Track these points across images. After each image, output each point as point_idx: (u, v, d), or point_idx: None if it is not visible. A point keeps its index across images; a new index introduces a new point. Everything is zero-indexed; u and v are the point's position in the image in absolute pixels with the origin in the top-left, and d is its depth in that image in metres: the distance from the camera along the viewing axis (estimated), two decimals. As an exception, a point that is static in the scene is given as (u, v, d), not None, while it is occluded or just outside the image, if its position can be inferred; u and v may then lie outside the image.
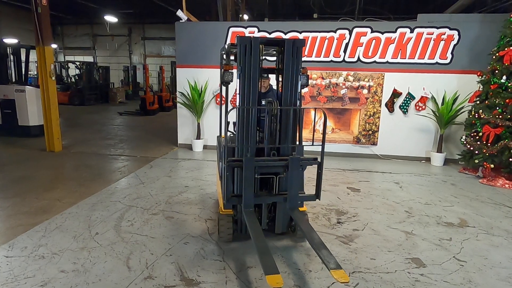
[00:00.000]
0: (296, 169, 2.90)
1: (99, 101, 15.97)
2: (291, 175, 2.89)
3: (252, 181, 2.84)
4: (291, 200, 2.93)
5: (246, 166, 2.79)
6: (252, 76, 2.88)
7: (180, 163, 5.91)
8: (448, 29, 5.85)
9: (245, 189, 2.83)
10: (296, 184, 2.92)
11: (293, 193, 2.93)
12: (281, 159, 2.93)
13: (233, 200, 2.94)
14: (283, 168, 2.93)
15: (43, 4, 5.91)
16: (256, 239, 2.50)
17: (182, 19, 6.66)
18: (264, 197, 3.01)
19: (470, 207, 4.22)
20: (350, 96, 6.34)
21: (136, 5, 16.92)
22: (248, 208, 2.85)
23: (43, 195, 4.23)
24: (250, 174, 2.81)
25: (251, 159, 2.82)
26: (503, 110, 4.99)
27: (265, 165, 2.89)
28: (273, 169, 2.95)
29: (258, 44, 2.85)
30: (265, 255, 2.31)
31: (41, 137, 7.00)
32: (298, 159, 2.91)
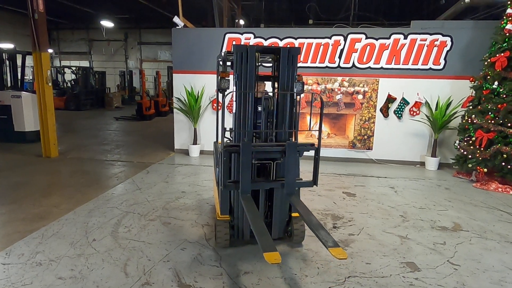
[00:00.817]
0: (293, 155, 2.91)
1: (95, 106, 15.94)
2: (289, 160, 2.90)
3: (249, 166, 2.84)
4: (288, 186, 2.95)
5: (243, 150, 2.79)
6: (249, 83, 2.93)
7: (177, 169, 5.93)
8: (441, 36, 5.95)
9: (242, 174, 2.82)
10: (293, 169, 2.93)
11: (290, 178, 2.94)
12: (278, 145, 2.96)
13: (230, 186, 2.95)
14: (280, 153, 2.95)
15: (40, 10, 5.94)
16: (254, 221, 2.51)
17: (179, 25, 6.71)
18: (261, 183, 3.03)
19: (464, 211, 4.27)
20: (346, 102, 6.41)
21: (132, 10, 16.98)
22: (245, 194, 2.85)
23: (40, 202, 4.23)
24: (247, 159, 2.82)
25: (248, 143, 2.83)
26: (495, 115, 5.07)
27: (262, 151, 2.91)
28: (270, 155, 2.98)
29: (254, 52, 2.90)
30: (263, 235, 2.34)
31: (37, 143, 6.99)
32: (295, 144, 2.92)
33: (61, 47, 22.67)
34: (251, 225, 2.52)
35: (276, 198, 3.08)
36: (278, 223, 3.15)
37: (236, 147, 2.88)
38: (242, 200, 2.82)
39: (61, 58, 22.58)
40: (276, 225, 3.15)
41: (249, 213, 2.63)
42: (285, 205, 3.16)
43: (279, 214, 3.13)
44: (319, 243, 3.27)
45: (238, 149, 2.83)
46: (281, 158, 2.98)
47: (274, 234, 3.20)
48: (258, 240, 2.32)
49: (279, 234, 3.22)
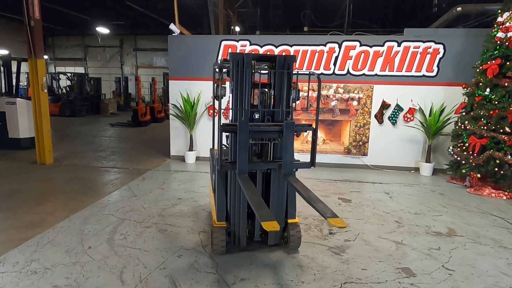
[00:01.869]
0: (290, 135, 2.92)
1: (90, 112, 15.90)
2: (286, 140, 2.91)
3: (247, 146, 2.84)
4: (286, 166, 2.96)
5: (240, 129, 2.79)
6: (245, 90, 2.96)
7: (173, 175, 5.93)
8: (433, 43, 6.05)
9: (239, 154, 2.82)
10: (290, 149, 2.95)
11: (288, 158, 2.96)
12: (276, 125, 2.97)
13: (227, 166, 2.95)
14: (278, 133, 2.96)
15: (36, 17, 5.95)
16: (251, 197, 2.50)
17: (175, 32, 6.75)
18: (259, 164, 3.04)
19: (458, 216, 4.32)
20: (341, 108, 6.46)
21: (128, 16, 17.05)
22: (242, 174, 2.83)
23: (35, 209, 4.21)
24: (245, 138, 2.82)
25: (245, 122, 2.83)
26: (487, 121, 5.15)
27: (259, 130, 2.92)
28: (268, 134, 2.99)
29: (250, 60, 2.93)
30: (261, 207, 2.35)
31: (31, 150, 6.95)
32: (293, 123, 2.93)
33: (56, 53, 22.65)
34: (249, 201, 2.48)
35: (273, 181, 3.06)
36: (275, 208, 3.14)
37: (233, 126, 2.86)
38: (239, 180, 2.78)
39: (56, 64, 22.54)
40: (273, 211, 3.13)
41: (246, 190, 2.60)
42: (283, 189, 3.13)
43: (276, 198, 3.11)
44: (315, 249, 3.30)
45: (235, 128, 2.82)
46: (279, 139, 2.98)
47: (270, 240, 3.20)
48: (256, 212, 2.30)
49: (275, 240, 3.22)
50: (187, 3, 12.09)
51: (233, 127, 2.86)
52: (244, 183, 2.73)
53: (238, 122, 2.81)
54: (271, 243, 3.21)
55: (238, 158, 2.83)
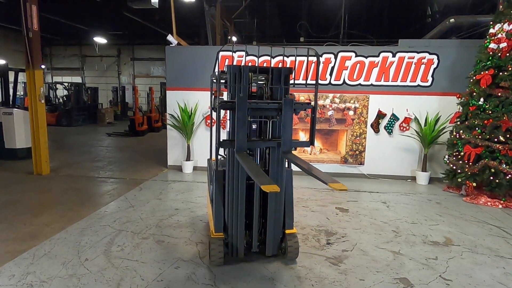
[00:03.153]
0: (289, 112, 2.91)
1: (87, 122, 15.88)
2: (285, 118, 2.90)
3: (245, 123, 2.83)
4: (285, 143, 2.94)
5: (238, 106, 2.78)
6: (242, 127, 2.97)
7: (170, 185, 5.92)
8: (428, 54, 6.15)
9: (237, 131, 2.80)
10: (289, 127, 2.94)
11: (287, 136, 2.95)
12: (275, 102, 2.97)
13: (225, 144, 2.94)
14: (277, 111, 2.95)
15: (34, 29, 5.99)
16: (250, 166, 2.50)
17: (173, 43, 6.82)
18: (258, 142, 3.04)
19: (455, 225, 4.34)
20: (337, 117, 6.52)
21: (125, 27, 17.16)
22: (241, 151, 2.80)
23: (31, 220, 4.18)
24: (243, 115, 2.80)
25: (244, 98, 2.81)
26: (482, 130, 5.21)
27: (258, 107, 2.91)
28: (266, 112, 2.98)
29: (247, 72, 2.97)
30: (260, 175, 2.35)
31: (28, 160, 6.92)
32: (292, 100, 2.92)
33: (53, 63, 22.69)
34: (248, 171, 2.45)
35: (272, 161, 3.05)
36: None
37: (231, 103, 2.85)
38: (238, 157, 2.74)
39: (53, 74, 22.56)
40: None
41: (245, 163, 2.57)
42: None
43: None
44: (313, 259, 3.30)
45: (234, 105, 2.81)
46: (277, 116, 2.98)
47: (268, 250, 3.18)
48: (256, 179, 2.28)
49: (273, 251, 3.20)
50: (185, 14, 12.21)
51: (232, 104, 2.84)
52: (242, 158, 2.68)
53: (237, 99, 2.79)
54: (269, 254, 3.21)
55: (237, 135, 2.81)
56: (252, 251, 3.23)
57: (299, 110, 3.05)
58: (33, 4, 5.89)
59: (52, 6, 12.18)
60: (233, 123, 2.91)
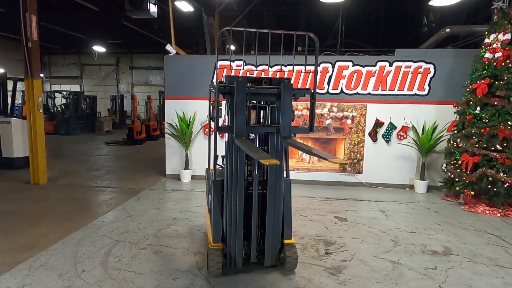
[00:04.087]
0: (288, 97, 2.90)
1: (85, 130, 15.85)
2: (284, 103, 2.88)
3: (244, 108, 2.80)
4: (285, 129, 2.93)
5: (237, 90, 2.76)
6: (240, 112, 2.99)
7: (168, 194, 5.90)
8: (424, 63, 6.21)
9: (236, 116, 2.78)
10: (288, 113, 2.91)
11: (286, 122, 2.93)
12: (274, 87, 2.95)
13: (224, 129, 2.92)
14: (276, 96, 2.94)
15: (34, 38, 6.02)
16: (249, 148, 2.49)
17: (171, 53, 6.86)
18: (257, 128, 3.03)
19: (454, 234, 4.33)
20: (335, 126, 6.54)
21: (124, 35, 17.26)
22: (240, 137, 2.78)
23: (28, 231, 4.15)
24: (242, 99, 2.78)
25: (242, 82, 2.80)
26: (479, 139, 5.23)
27: (257, 92, 2.90)
28: (265, 97, 2.97)
29: (246, 83, 2.98)
30: (259, 152, 2.35)
31: (25, 169, 6.90)
32: (291, 86, 2.90)
33: (52, 72, 22.72)
34: (247, 151, 2.44)
35: (271, 147, 3.04)
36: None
37: (230, 87, 2.84)
38: (237, 142, 2.72)
39: (52, 83, 22.57)
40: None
41: (245, 146, 2.57)
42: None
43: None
44: (311, 270, 3.28)
45: (232, 89, 2.80)
46: (276, 102, 2.96)
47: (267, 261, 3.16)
48: (255, 156, 2.29)
49: (271, 261, 3.18)
50: (184, 24, 12.31)
51: (231, 88, 2.83)
52: (241, 141, 2.67)
53: (235, 83, 2.77)
54: (268, 264, 3.19)
55: (236, 120, 2.79)
56: (251, 262, 3.21)
57: (298, 96, 3.05)
58: (33, 15, 5.93)
59: (51, 16, 12.25)
60: (231, 109, 2.88)
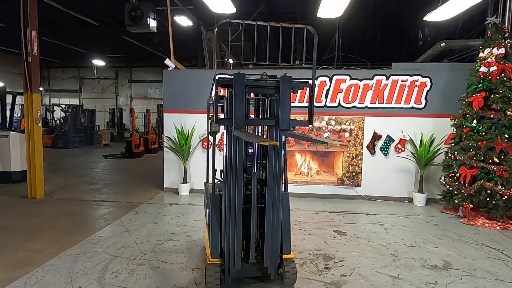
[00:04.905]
0: (287, 89, 2.90)
1: (83, 143, 15.84)
2: (283, 95, 2.88)
3: (243, 100, 2.81)
4: (284, 121, 2.92)
5: (236, 82, 2.77)
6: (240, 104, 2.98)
7: (166, 208, 5.86)
8: (420, 77, 6.28)
9: (235, 108, 2.77)
10: (287, 105, 2.91)
11: (285, 114, 2.92)
12: (272, 80, 2.96)
13: (222, 121, 2.92)
14: (275, 89, 2.94)
15: (34, 53, 6.08)
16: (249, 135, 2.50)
17: (170, 67, 6.93)
18: (256, 120, 3.02)
19: (453, 248, 4.30)
20: (333, 139, 6.56)
21: (123, 49, 17.42)
22: (239, 129, 2.78)
23: (23, 247, 4.10)
24: (241, 91, 2.78)
25: (242, 75, 2.81)
26: (476, 152, 5.26)
27: (255, 85, 2.90)
28: (264, 90, 2.97)
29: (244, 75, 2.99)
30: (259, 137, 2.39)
31: (22, 183, 6.86)
32: (290, 78, 2.90)
33: (51, 85, 22.81)
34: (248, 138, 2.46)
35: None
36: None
37: (229, 79, 2.85)
38: (236, 133, 2.72)
39: (51, 96, 22.63)
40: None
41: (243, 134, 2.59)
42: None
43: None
44: (311, 285, 3.24)
45: (231, 81, 2.81)
46: (275, 95, 2.97)
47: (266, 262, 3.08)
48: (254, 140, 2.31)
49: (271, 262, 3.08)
50: (182, 37, 12.46)
51: (229, 80, 2.84)
52: (240, 132, 2.68)
53: (234, 75, 2.80)
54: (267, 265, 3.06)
55: (235, 112, 2.79)
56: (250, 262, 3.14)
57: (297, 88, 3.07)
58: (34, 30, 6.00)
59: (51, 30, 12.40)
60: (230, 101, 2.89)
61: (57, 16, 11.31)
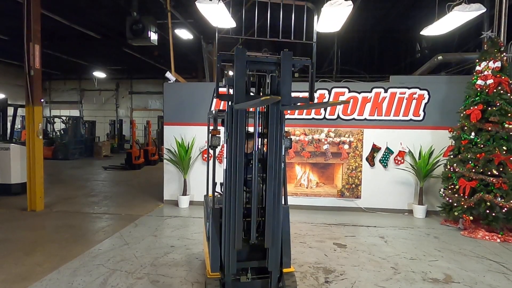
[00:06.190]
0: (288, 66, 2.90)
1: (83, 155, 15.84)
2: (284, 71, 2.88)
3: (244, 74, 2.81)
4: (285, 97, 2.90)
5: (237, 57, 2.77)
6: (239, 141, 3.03)
7: (166, 221, 5.85)
8: (418, 89, 6.35)
9: (236, 83, 2.78)
10: (288, 81, 2.91)
11: (286, 90, 2.91)
12: (273, 56, 2.95)
13: (224, 97, 2.92)
14: (275, 65, 2.94)
15: (36, 67, 6.15)
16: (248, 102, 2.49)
17: (171, 80, 7.01)
18: (257, 96, 3.02)
19: (454, 261, 4.29)
20: (332, 151, 6.59)
21: (124, 62, 17.60)
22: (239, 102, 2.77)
23: (22, 260, 4.09)
24: (242, 65, 2.79)
25: (243, 50, 2.81)
26: (475, 164, 5.28)
27: (256, 60, 2.91)
28: (265, 66, 2.97)
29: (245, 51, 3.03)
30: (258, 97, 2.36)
31: (22, 195, 6.86)
32: (290, 54, 2.90)
33: (52, 97, 22.95)
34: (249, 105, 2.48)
35: (271, 117, 2.99)
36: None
37: (230, 55, 2.86)
38: (236, 107, 2.74)
39: (52, 108, 22.74)
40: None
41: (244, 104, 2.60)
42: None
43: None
44: (311, 300, 3.22)
45: (232, 57, 2.82)
46: (276, 71, 2.97)
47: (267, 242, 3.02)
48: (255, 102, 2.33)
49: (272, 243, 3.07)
50: (183, 50, 12.61)
51: (231, 56, 2.85)
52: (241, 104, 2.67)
53: (236, 49, 2.82)
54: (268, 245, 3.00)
55: (235, 87, 2.80)
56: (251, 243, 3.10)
57: (297, 66, 3.09)
58: (37, 44, 6.09)
59: (54, 43, 12.55)
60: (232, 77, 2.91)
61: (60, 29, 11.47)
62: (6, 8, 9.05)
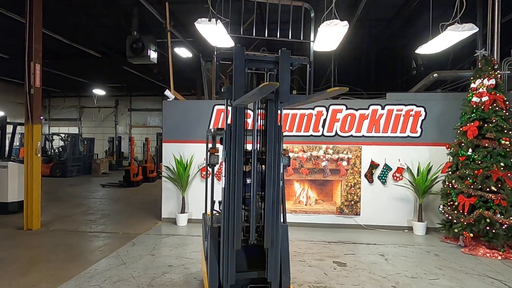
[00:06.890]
0: (286, 64, 2.92)
1: (81, 172, 15.78)
2: (282, 70, 2.90)
3: (243, 73, 2.83)
4: (283, 94, 2.91)
5: (236, 55, 2.80)
6: (237, 159, 3.05)
7: (164, 240, 5.79)
8: (415, 106, 6.42)
9: (235, 81, 2.79)
10: (286, 79, 2.91)
11: (285, 88, 2.92)
12: (272, 54, 2.98)
13: (223, 94, 2.93)
14: (274, 63, 2.96)
15: (36, 86, 6.21)
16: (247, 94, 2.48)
17: (170, 98, 7.07)
18: None
19: (455, 279, 4.24)
20: (331, 168, 6.60)
21: (124, 79, 17.78)
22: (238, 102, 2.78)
23: (18, 281, 4.02)
24: (241, 64, 2.81)
25: (241, 48, 2.83)
26: (473, 180, 5.29)
27: (255, 59, 2.93)
28: (263, 64, 2.99)
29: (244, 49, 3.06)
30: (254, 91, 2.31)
31: (19, 214, 6.79)
32: (289, 53, 2.93)
33: (51, 114, 23.03)
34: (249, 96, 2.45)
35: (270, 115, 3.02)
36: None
37: (229, 53, 2.89)
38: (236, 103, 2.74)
39: (51, 125, 22.79)
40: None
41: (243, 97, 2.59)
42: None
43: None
44: (311, 321, 3.16)
45: (231, 55, 2.85)
46: (274, 69, 3.00)
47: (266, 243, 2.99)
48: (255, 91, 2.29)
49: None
50: (182, 68, 12.78)
51: (230, 54, 2.89)
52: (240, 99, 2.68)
53: (235, 48, 2.85)
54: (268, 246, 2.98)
55: (234, 85, 2.83)
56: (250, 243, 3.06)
57: (295, 64, 3.12)
58: (37, 63, 6.17)
59: (54, 62, 12.71)
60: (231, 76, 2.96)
61: (61, 48, 11.65)
62: (9, 27, 9.20)
